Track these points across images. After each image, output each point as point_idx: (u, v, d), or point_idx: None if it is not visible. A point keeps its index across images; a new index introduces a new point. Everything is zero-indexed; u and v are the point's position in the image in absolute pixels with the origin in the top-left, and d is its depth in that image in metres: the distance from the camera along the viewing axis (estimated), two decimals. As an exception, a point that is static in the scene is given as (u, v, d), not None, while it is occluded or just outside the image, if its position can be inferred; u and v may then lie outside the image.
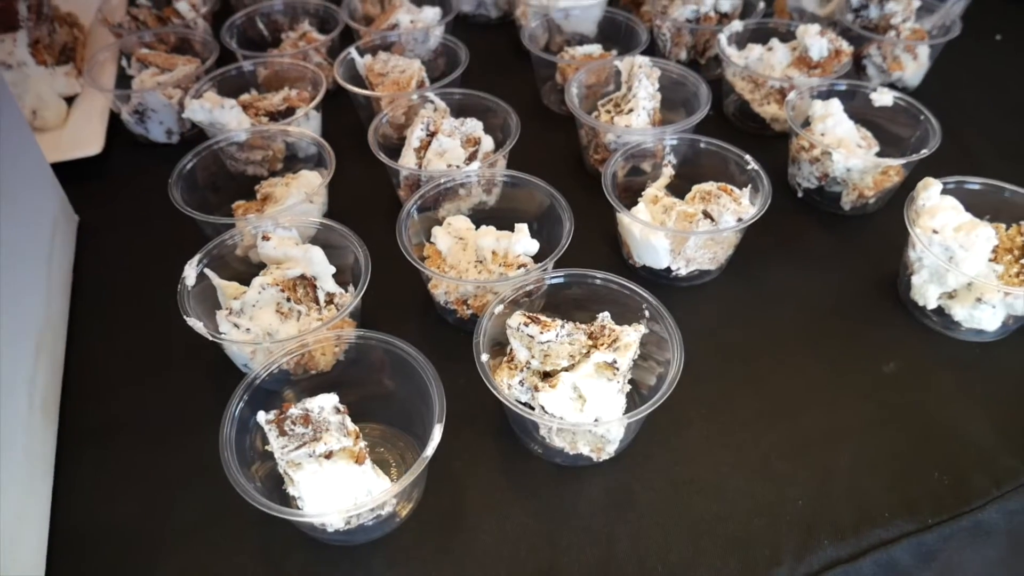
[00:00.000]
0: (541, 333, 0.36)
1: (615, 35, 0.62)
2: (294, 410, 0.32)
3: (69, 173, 0.52)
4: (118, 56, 0.61)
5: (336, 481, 0.31)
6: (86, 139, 0.56)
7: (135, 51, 0.59)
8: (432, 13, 0.61)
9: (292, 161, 0.53)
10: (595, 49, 0.58)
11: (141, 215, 0.52)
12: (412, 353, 0.35)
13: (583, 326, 0.37)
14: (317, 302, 0.40)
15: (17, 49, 0.58)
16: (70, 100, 0.61)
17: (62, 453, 0.39)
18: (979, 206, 0.44)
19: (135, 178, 0.56)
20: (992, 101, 0.62)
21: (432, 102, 0.51)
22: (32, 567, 0.33)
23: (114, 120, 0.59)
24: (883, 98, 0.52)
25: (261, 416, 0.32)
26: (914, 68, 0.60)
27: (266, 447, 0.34)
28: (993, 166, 0.55)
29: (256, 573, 0.34)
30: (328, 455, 0.31)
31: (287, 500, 0.32)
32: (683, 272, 0.45)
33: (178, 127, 0.57)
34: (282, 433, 0.31)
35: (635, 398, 0.37)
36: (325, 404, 0.32)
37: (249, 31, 0.63)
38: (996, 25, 0.71)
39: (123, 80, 0.60)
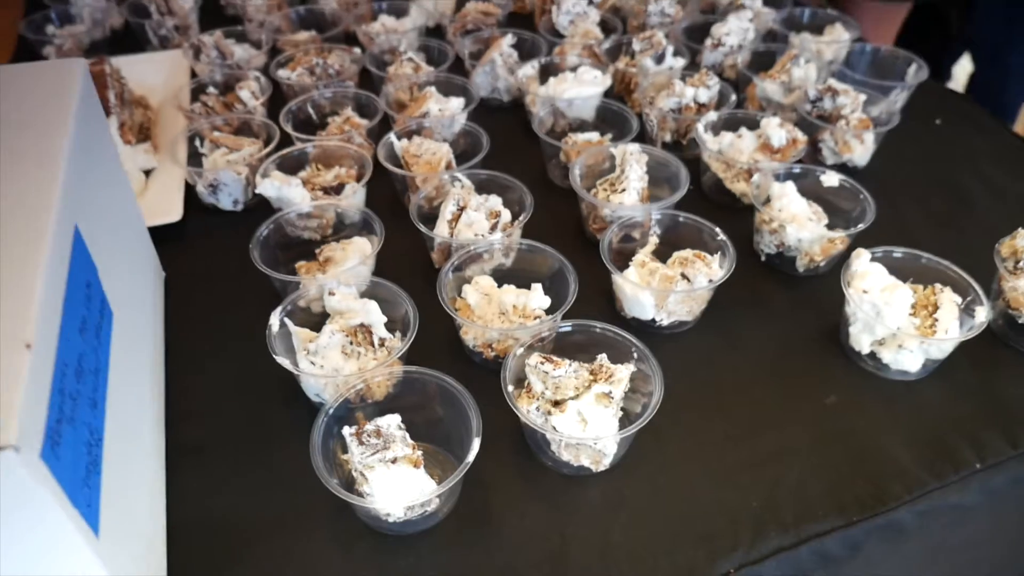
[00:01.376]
0: (553, 370, 0.46)
1: (610, 120, 0.74)
2: (369, 426, 0.42)
3: (153, 236, 0.62)
4: (187, 135, 0.72)
5: (399, 481, 0.41)
6: (167, 207, 0.66)
7: (207, 133, 0.70)
8: (456, 103, 0.72)
9: (339, 227, 0.64)
10: (594, 136, 0.69)
11: (215, 271, 0.63)
12: (453, 384, 0.46)
13: (585, 365, 0.47)
14: (373, 345, 0.50)
15: (111, 132, 0.69)
16: (147, 172, 0.73)
17: (168, 463, 0.48)
18: (902, 270, 0.55)
19: (208, 240, 0.66)
20: (928, 177, 0.73)
21: (460, 181, 0.62)
22: (160, 555, 0.43)
23: (187, 189, 0.70)
24: (830, 180, 0.63)
25: (346, 430, 0.42)
26: (861, 150, 0.72)
27: (343, 456, 0.44)
28: (925, 234, 0.66)
29: (331, 556, 0.44)
30: (394, 460, 0.41)
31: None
32: (665, 322, 0.56)
33: (243, 197, 0.68)
34: (360, 443, 0.41)
35: (625, 422, 0.47)
36: (391, 422, 0.43)
37: (300, 115, 0.75)
38: (936, 111, 0.82)
39: (194, 156, 0.71)
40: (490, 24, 0.89)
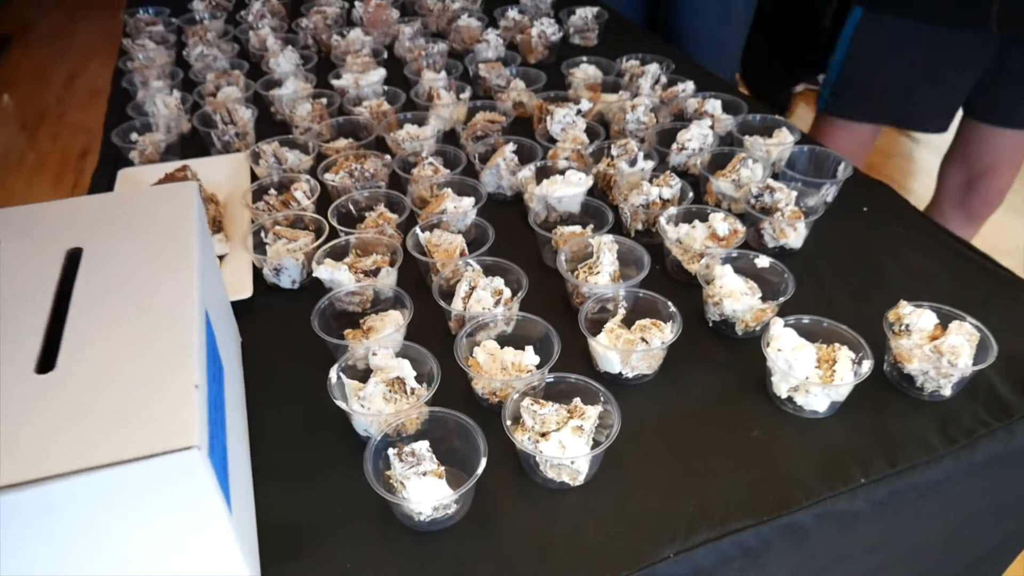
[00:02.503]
0: (540, 409, 0.62)
1: (592, 213, 0.91)
2: (406, 448, 0.58)
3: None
4: (254, 228, 0.90)
5: (428, 488, 0.57)
6: (240, 286, 0.84)
7: (270, 227, 0.88)
8: (468, 201, 0.90)
9: (377, 302, 0.81)
10: (578, 228, 0.86)
11: (279, 337, 0.80)
12: (466, 420, 0.62)
13: (565, 405, 0.64)
14: (406, 392, 0.67)
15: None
16: (220, 258, 0.90)
17: (253, 479, 0.65)
18: (809, 333, 0.71)
19: (273, 312, 0.84)
20: (851, 257, 0.90)
21: (471, 266, 0.79)
22: (255, 545, 0.59)
23: (254, 272, 0.88)
24: (762, 262, 0.80)
25: (390, 451, 0.58)
26: (795, 236, 0.89)
27: (387, 472, 0.60)
28: (843, 304, 0.82)
29: (376, 546, 0.59)
30: (424, 473, 0.57)
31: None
32: (630, 375, 0.72)
33: (300, 278, 0.86)
34: (400, 460, 0.58)
35: (594, 448, 0.63)
36: (422, 446, 0.59)
37: (343, 211, 0.93)
38: (863, 200, 0.99)
39: (258, 245, 0.88)
40: (496, 131, 1.08)
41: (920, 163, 2.91)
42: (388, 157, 1.01)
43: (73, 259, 0.57)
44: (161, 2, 1.59)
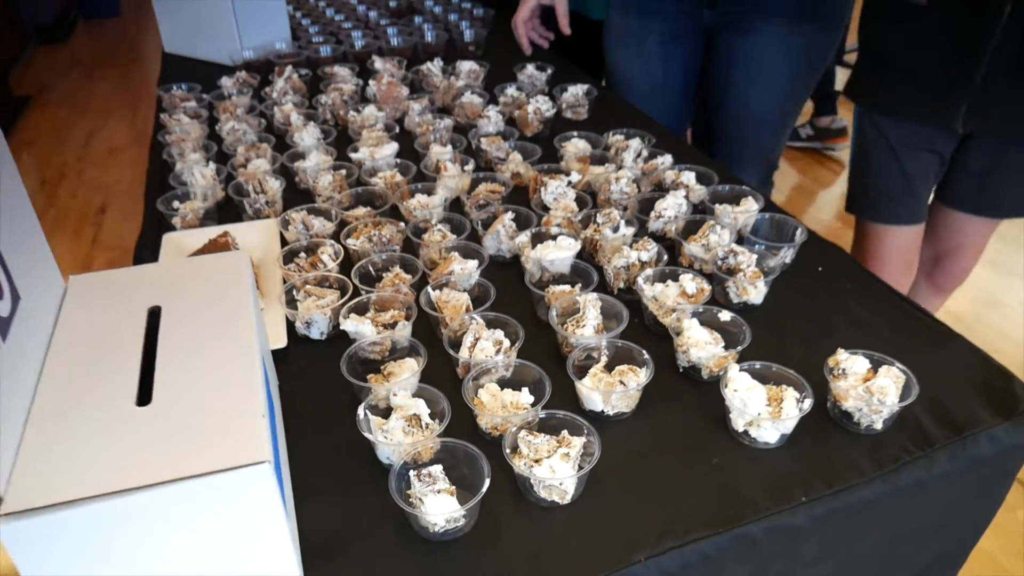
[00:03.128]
0: (534, 439, 0.75)
1: (580, 273, 1.05)
2: (424, 471, 0.71)
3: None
4: (286, 287, 1.03)
5: (442, 504, 0.69)
6: (276, 337, 0.97)
7: (300, 286, 1.02)
8: (472, 263, 1.04)
9: (395, 351, 0.94)
10: (567, 287, 1.00)
11: (310, 380, 0.93)
12: (472, 448, 0.75)
13: (555, 437, 0.76)
14: (422, 427, 0.80)
15: (237, 286, 1.01)
16: (256, 312, 1.04)
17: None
18: (763, 376, 0.84)
19: (304, 360, 0.97)
20: (806, 312, 1.03)
21: (475, 320, 0.92)
22: (297, 553, 0.71)
23: (287, 325, 1.01)
24: (724, 317, 0.93)
25: (412, 473, 0.71)
26: (756, 293, 1.02)
27: (407, 491, 0.72)
28: (795, 352, 0.95)
29: (397, 553, 0.71)
30: (439, 491, 0.70)
31: (414, 515, 0.71)
32: (611, 413, 0.85)
33: (327, 330, 0.99)
34: (419, 480, 0.70)
35: (579, 472, 0.76)
36: (436, 469, 0.71)
37: (363, 272, 1.06)
38: (819, 261, 1.13)
39: (290, 302, 1.02)
40: (496, 200, 1.22)
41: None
42: (402, 224, 1.15)
43: (154, 315, 0.71)
44: (192, 79, 1.76)
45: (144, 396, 0.61)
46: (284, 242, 1.16)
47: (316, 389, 0.91)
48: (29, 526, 0.52)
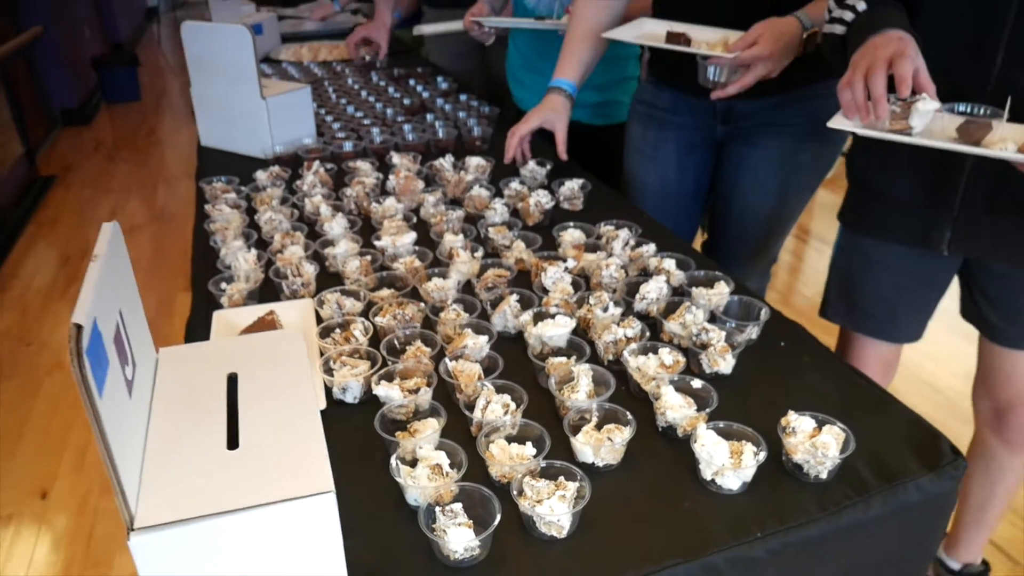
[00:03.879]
0: (536, 483, 0.91)
1: (575, 347, 1.23)
2: (447, 508, 0.87)
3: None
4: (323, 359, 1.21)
5: (461, 535, 0.86)
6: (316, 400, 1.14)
7: (336, 357, 1.19)
8: (483, 338, 1.22)
9: (419, 413, 1.11)
10: (563, 358, 1.18)
11: (346, 437, 1.09)
12: (485, 491, 0.91)
13: (554, 482, 0.93)
14: (444, 474, 0.96)
15: (283, 357, 1.18)
16: (297, 380, 1.21)
17: (337, 538, 0.93)
18: (727, 433, 1.01)
19: (340, 421, 1.13)
20: (768, 381, 1.20)
21: (487, 386, 1.10)
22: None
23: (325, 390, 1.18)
24: (696, 384, 1.11)
25: (436, 509, 0.87)
26: (725, 364, 1.20)
27: (432, 524, 0.88)
28: (758, 413, 1.12)
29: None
30: (459, 524, 0.86)
31: (438, 545, 0.87)
32: (600, 464, 1.01)
33: (360, 395, 1.16)
34: (443, 515, 0.86)
35: (574, 510, 0.92)
36: (457, 507, 0.88)
37: (390, 345, 1.24)
38: (781, 336, 1.31)
39: (327, 371, 1.19)
40: (502, 283, 1.41)
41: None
42: (421, 304, 1.33)
43: (232, 379, 0.88)
44: (227, 170, 1.97)
45: (232, 442, 0.78)
46: (319, 319, 1.34)
47: (353, 444, 1.07)
48: (152, 539, 0.68)
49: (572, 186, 1.81)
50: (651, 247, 1.51)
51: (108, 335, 0.72)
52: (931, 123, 1.19)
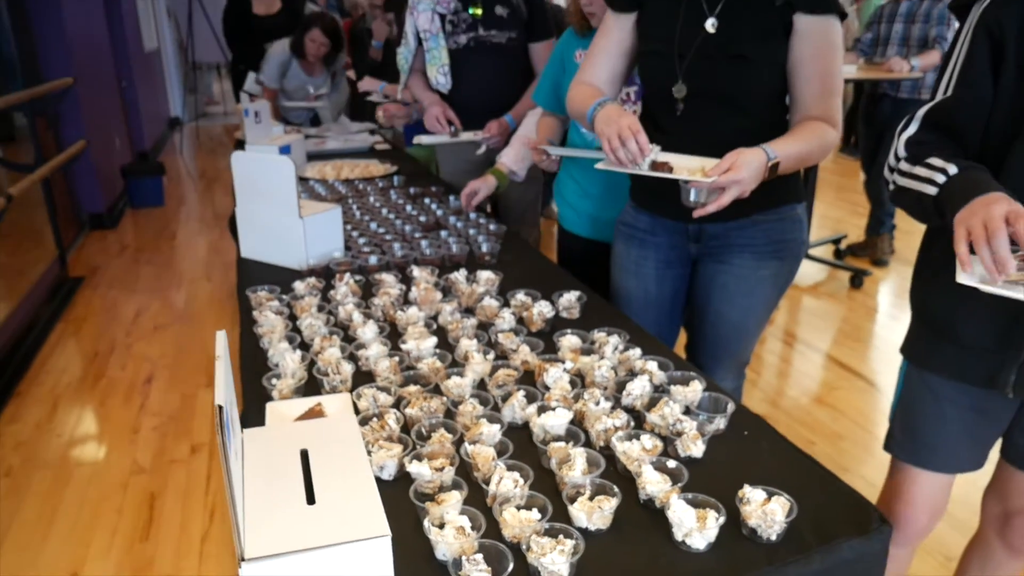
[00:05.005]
0: (541, 539, 1.15)
1: (572, 435, 1.48)
2: (471, 556, 1.10)
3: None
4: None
5: (482, 578, 1.09)
6: (358, 477, 1.38)
7: (374, 441, 1.44)
8: (495, 427, 1.47)
9: (443, 486, 1.35)
10: (562, 444, 1.42)
11: (385, 506, 1.33)
12: (501, 546, 1.14)
13: (554, 539, 1.16)
14: (466, 534, 1.20)
15: (331, 440, 1.43)
16: (340, 460, 1.45)
17: None
18: (695, 503, 1.25)
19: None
20: (735, 463, 1.45)
21: (500, 466, 1.34)
22: None
23: (363, 469, 1.42)
24: (671, 464, 1.35)
25: (463, 559, 1.10)
26: (696, 449, 1.44)
27: (459, 572, 1.11)
28: (721, 488, 1.35)
29: (453, 615, 1.09)
30: (480, 571, 1.09)
31: (466, 587, 1.10)
32: (592, 528, 1.25)
33: (395, 472, 1.40)
34: (468, 563, 1.10)
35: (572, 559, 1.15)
36: (479, 556, 1.11)
37: (418, 432, 1.49)
38: (744, 426, 1.56)
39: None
40: (511, 382, 1.67)
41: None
42: (444, 398, 1.59)
43: (304, 453, 1.13)
44: (265, 279, 2.26)
45: (310, 499, 1.03)
46: (356, 409, 1.59)
47: (391, 511, 1.30)
48: (257, 567, 0.92)
49: (570, 298, 2.09)
50: (637, 351, 1.78)
51: (229, 415, 0.98)
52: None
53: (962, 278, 1.24)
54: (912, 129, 1.43)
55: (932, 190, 1.33)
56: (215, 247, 6.18)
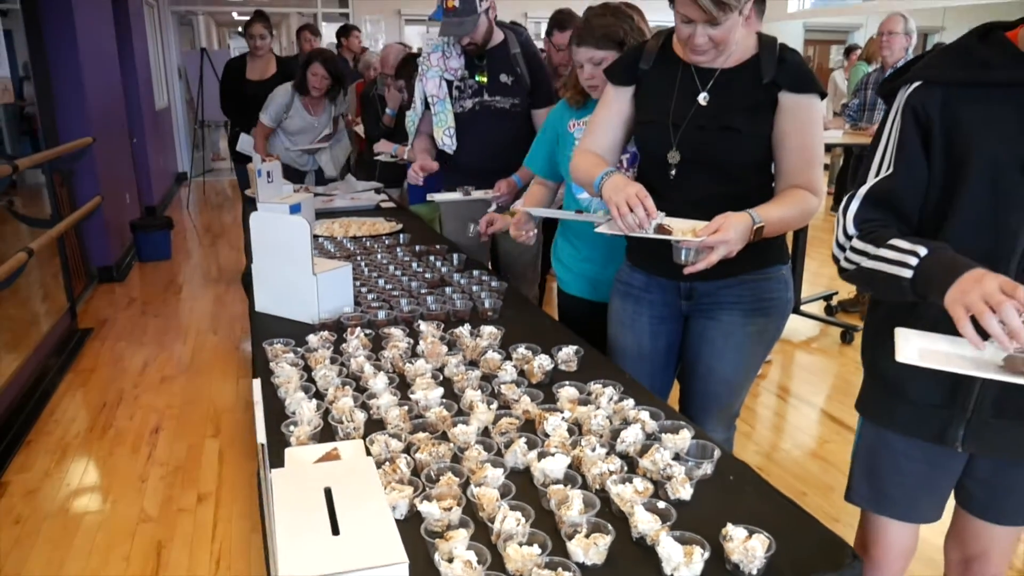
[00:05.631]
0: (542, 573, 1.26)
1: (570, 478, 1.59)
2: (479, 585, 1.22)
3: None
4: (378, 484, 1.57)
5: (488, 606, 1.20)
6: (372, 516, 1.50)
7: (387, 484, 1.56)
8: (499, 471, 1.58)
9: (450, 524, 1.46)
10: (561, 486, 1.54)
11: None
12: (505, 577, 1.26)
13: (553, 571, 1.27)
14: (473, 568, 1.31)
15: (347, 482, 1.55)
16: (355, 501, 1.56)
17: None
18: (682, 540, 1.36)
19: (390, 531, 1.48)
20: (717, 503, 1.56)
21: (503, 506, 1.46)
22: None
23: (376, 509, 1.53)
24: (661, 505, 1.47)
25: (472, 586, 1.22)
26: (684, 492, 1.56)
27: (468, 600, 1.22)
28: (705, 526, 1.46)
29: (461, 640, 1.20)
30: (487, 598, 1.20)
31: (473, 614, 1.20)
32: (588, 563, 1.36)
33: (406, 512, 1.52)
34: (476, 591, 1.21)
35: (569, 594, 1.26)
36: (486, 585, 1.22)
37: (427, 475, 1.61)
38: (729, 471, 1.68)
39: (379, 494, 1.55)
40: (513, 430, 1.79)
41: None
42: (450, 444, 1.71)
43: (328, 490, 1.25)
44: (278, 332, 2.39)
45: (335, 529, 1.15)
46: (369, 454, 1.71)
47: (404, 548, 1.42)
48: (290, 591, 1.04)
49: (568, 352, 2.23)
50: (630, 401, 1.90)
51: (264, 454, 1.11)
52: (979, 354, 1.29)
53: (901, 357, 1.34)
54: (855, 207, 1.53)
55: (907, 272, 1.37)
56: (220, 300, 6.32)
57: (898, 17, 5.46)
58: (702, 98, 2.06)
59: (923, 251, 1.37)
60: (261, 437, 1.03)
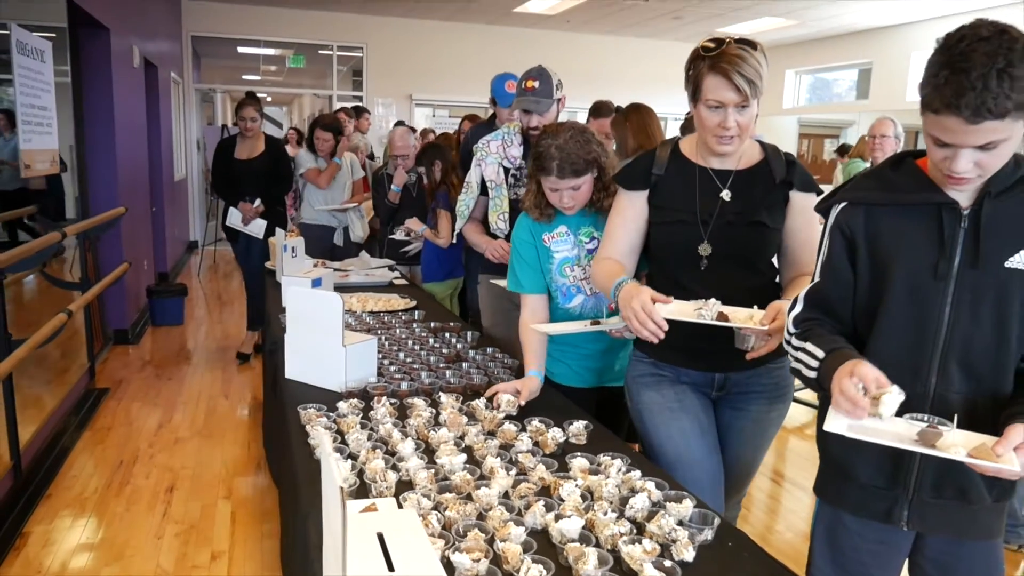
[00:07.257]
0: (562, 616, 1.44)
1: (584, 538, 1.78)
2: (509, 624, 1.39)
3: None
4: (412, 537, 1.75)
5: (517, 643, 1.37)
6: (408, 565, 1.68)
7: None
8: (520, 530, 1.77)
9: (479, 573, 1.64)
10: (578, 544, 1.73)
11: None
12: (531, 619, 1.43)
13: (573, 617, 1.45)
14: (501, 611, 1.49)
15: (386, 534, 1.73)
16: (391, 552, 1.74)
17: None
18: (685, 595, 1.55)
19: None
20: (715, 562, 1.74)
21: (526, 559, 1.64)
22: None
23: (410, 560, 1.71)
24: (667, 563, 1.65)
25: (503, 624, 1.39)
26: (687, 554, 1.74)
27: (498, 637, 1.39)
28: (708, 589, 1.64)
29: (492, 673, 1.37)
30: (516, 636, 1.38)
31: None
32: (602, 612, 1.54)
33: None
34: (506, 629, 1.38)
35: (586, 637, 1.44)
36: (514, 625, 1.40)
37: (456, 531, 1.79)
38: (729, 538, 1.86)
39: (413, 546, 1.73)
40: (530, 493, 1.98)
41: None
42: (476, 504, 1.89)
43: (380, 535, 1.44)
44: (306, 399, 2.59)
45: (390, 567, 1.34)
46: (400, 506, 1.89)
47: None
48: (355, 617, 1.22)
49: (579, 425, 2.43)
50: (637, 473, 2.10)
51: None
52: (899, 429, 1.50)
53: (829, 427, 1.51)
54: (798, 309, 1.75)
55: (812, 373, 1.66)
56: (230, 366, 6.50)
57: (888, 121, 5.84)
58: (725, 195, 2.22)
59: (821, 354, 1.63)
60: (339, 480, 1.22)
